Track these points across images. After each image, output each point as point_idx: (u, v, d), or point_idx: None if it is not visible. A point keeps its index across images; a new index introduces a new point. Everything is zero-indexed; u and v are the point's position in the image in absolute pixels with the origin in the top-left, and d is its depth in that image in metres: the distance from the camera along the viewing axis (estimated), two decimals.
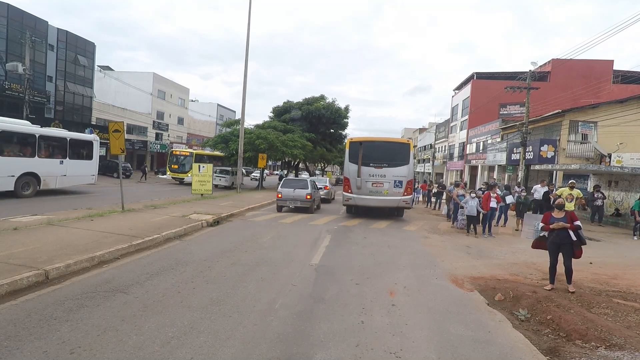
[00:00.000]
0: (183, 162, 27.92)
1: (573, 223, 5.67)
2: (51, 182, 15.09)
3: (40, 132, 14.58)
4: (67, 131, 16.93)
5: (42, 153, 14.75)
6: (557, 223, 5.73)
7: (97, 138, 17.95)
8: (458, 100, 41.72)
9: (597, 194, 13.74)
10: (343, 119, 32.77)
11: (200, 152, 32.29)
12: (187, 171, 26.95)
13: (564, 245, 5.70)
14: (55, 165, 15.21)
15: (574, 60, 26.38)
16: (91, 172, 17.22)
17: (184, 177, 27.34)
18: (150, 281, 5.16)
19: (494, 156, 28.05)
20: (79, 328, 3.62)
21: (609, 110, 19.49)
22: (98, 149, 17.69)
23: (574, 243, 5.66)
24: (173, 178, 28.48)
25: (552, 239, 5.84)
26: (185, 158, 28.20)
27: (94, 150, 17.32)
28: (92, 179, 17.37)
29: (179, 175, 27.72)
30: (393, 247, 8.53)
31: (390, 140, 14.20)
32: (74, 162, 16.07)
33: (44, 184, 14.65)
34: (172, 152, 29.41)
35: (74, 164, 16.06)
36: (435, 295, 5.28)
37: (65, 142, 15.72)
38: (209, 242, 8.15)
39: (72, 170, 15.92)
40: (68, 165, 15.69)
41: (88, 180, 17.24)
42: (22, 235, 6.87)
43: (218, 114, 62.57)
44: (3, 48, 27.88)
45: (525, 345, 3.87)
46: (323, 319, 4.21)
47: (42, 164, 14.44)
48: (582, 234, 5.71)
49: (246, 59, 19.89)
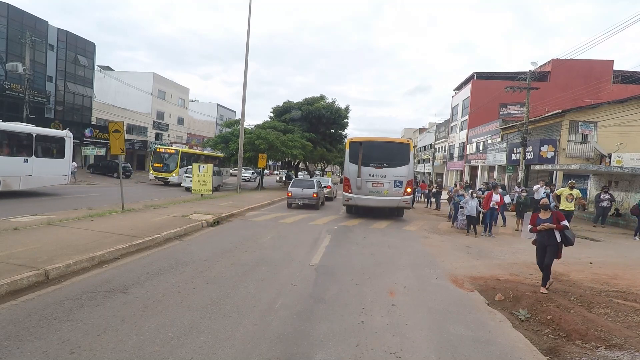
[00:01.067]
0: (167, 160, 25.71)
1: (560, 223, 5.61)
2: (13, 183, 13.55)
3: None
4: (33, 126, 15.14)
5: (2, 150, 13.36)
6: (543, 224, 5.64)
7: (70, 134, 16.24)
8: (458, 100, 41.73)
9: (604, 195, 13.45)
10: (343, 119, 32.78)
11: (187, 150, 30.14)
12: (172, 170, 25.24)
13: (549, 247, 5.62)
14: (19, 164, 13.62)
15: (574, 60, 26.39)
16: (63, 171, 15.58)
17: (168, 177, 25.32)
18: (150, 281, 5.16)
19: (494, 156, 28.05)
20: (79, 328, 3.62)
21: (609, 110, 19.48)
22: (71, 146, 16.14)
23: (558, 244, 5.60)
24: (156, 178, 26.26)
25: (539, 240, 5.77)
26: (170, 156, 25.90)
27: (66, 147, 15.70)
28: (64, 179, 15.82)
29: (163, 175, 25.44)
30: (393, 247, 8.53)
31: (390, 141, 14.19)
32: (42, 160, 14.50)
33: (4, 185, 13.12)
34: (156, 150, 27.23)
35: (42, 163, 14.47)
36: (435, 295, 5.28)
37: (32, 139, 14.06)
38: (209, 242, 8.15)
39: (40, 170, 14.31)
40: (34, 164, 14.07)
41: (59, 181, 15.68)
42: (22, 235, 6.87)
43: (218, 114, 62.59)
44: (3, 48, 27.89)
45: (525, 345, 3.87)
46: (323, 319, 4.21)
47: (1, 162, 12.95)
48: (569, 234, 5.64)
49: (246, 59, 19.90)
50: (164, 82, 48.11)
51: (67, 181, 16.12)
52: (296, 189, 15.47)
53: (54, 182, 15.57)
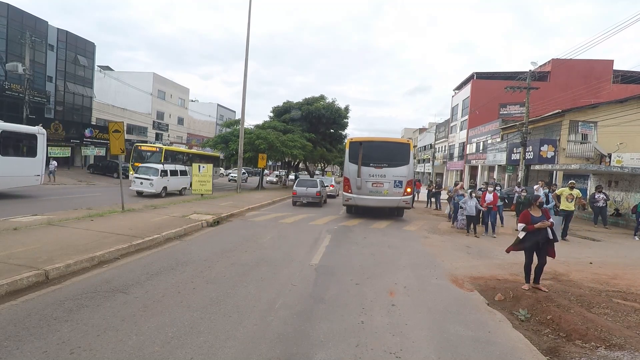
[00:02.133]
0: (150, 159, 22.31)
1: (548, 220, 5.63)
2: None
3: None
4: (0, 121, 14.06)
5: None
6: (543, 222, 5.54)
7: (43, 131, 14.75)
8: (458, 100, 41.73)
9: (598, 195, 13.57)
10: (343, 119, 32.80)
11: (173, 148, 27.17)
12: None
13: (544, 244, 5.54)
14: None
15: (574, 60, 26.39)
16: (35, 171, 14.11)
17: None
18: (150, 281, 5.16)
19: (494, 156, 28.05)
20: (79, 328, 3.62)
21: (609, 110, 19.48)
22: (44, 144, 14.71)
23: (549, 242, 5.57)
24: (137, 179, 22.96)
25: (535, 238, 5.61)
26: (153, 155, 22.89)
27: (39, 145, 14.28)
28: (37, 180, 14.30)
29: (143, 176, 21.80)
30: (393, 247, 8.53)
31: (390, 140, 14.19)
32: (10, 159, 13.27)
33: None
34: (137, 147, 24.50)
35: (10, 162, 13.23)
36: (435, 295, 5.27)
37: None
38: (209, 242, 8.15)
39: (6, 170, 13.07)
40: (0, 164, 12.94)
41: (30, 182, 14.24)
42: (22, 235, 6.87)
43: (218, 114, 62.64)
44: (3, 48, 27.90)
45: (525, 345, 3.87)
46: (323, 319, 4.21)
47: None
48: (554, 230, 5.63)
49: (246, 59, 19.91)
50: (164, 82, 48.14)
51: (40, 182, 14.57)
52: (301, 188, 16.60)
53: (23, 184, 14.17)
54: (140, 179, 17.10)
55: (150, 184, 16.99)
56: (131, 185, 17.50)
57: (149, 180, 17.02)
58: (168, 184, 18.14)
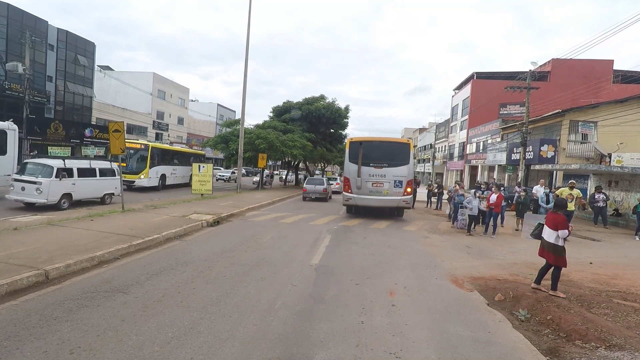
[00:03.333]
0: (134, 158, 19.46)
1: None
2: None
3: None
4: None
5: None
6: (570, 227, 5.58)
7: (14, 126, 13.02)
8: (458, 100, 41.73)
9: (598, 195, 13.56)
10: (343, 119, 32.77)
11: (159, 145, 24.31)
12: (140, 171, 19.04)
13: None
14: None
15: (574, 60, 26.40)
16: (4, 170, 12.36)
17: (134, 180, 18.76)
18: (150, 281, 5.16)
19: (494, 156, 28.05)
20: (79, 328, 3.62)
21: (609, 110, 19.49)
22: (16, 141, 13.04)
23: None
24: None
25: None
26: (137, 152, 19.56)
27: (9, 142, 12.68)
28: (6, 180, 12.12)
29: (128, 177, 18.44)
30: (393, 247, 8.52)
31: (390, 140, 14.18)
32: None
33: None
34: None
35: None
36: (435, 296, 5.27)
37: None
38: (209, 242, 8.15)
39: None
40: None
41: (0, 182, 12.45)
42: (22, 235, 6.87)
43: (218, 114, 62.62)
44: (3, 48, 27.90)
45: (525, 345, 3.87)
46: (323, 319, 4.21)
47: None
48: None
49: (246, 59, 19.90)
50: (164, 82, 48.14)
51: (9, 182, 11.74)
52: (310, 185, 20.18)
53: None
54: (22, 183, 10.78)
55: (37, 189, 10.61)
56: (10, 193, 11.06)
57: (35, 185, 10.64)
58: (74, 190, 11.62)
